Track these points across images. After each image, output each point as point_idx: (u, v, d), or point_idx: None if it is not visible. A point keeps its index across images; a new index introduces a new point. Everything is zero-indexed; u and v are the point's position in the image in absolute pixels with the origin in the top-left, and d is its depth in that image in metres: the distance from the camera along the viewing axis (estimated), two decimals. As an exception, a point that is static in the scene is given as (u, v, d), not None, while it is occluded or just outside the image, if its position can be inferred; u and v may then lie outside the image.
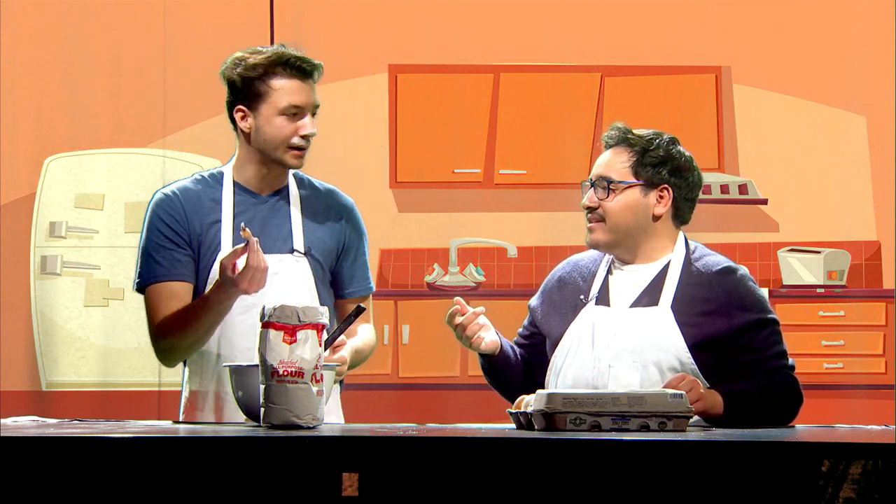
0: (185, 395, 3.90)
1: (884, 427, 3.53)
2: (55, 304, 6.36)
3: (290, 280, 3.79)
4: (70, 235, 6.40)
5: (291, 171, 3.91)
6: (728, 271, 3.67)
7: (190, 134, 6.38)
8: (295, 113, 3.76)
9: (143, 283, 3.84)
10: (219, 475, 2.65)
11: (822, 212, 6.35)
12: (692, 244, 3.75)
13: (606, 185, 3.68)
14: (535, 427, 3.05)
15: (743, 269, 3.71)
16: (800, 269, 6.38)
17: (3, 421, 3.38)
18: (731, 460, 2.63)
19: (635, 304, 3.66)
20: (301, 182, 3.93)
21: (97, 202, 6.41)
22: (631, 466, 2.62)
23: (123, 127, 6.36)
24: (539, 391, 3.12)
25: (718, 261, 3.70)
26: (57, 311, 6.36)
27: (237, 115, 3.82)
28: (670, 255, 3.69)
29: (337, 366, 3.47)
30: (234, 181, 3.87)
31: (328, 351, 3.54)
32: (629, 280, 3.70)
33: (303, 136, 3.77)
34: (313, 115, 3.80)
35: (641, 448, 2.66)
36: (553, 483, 2.61)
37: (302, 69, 3.76)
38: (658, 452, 2.65)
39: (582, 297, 3.73)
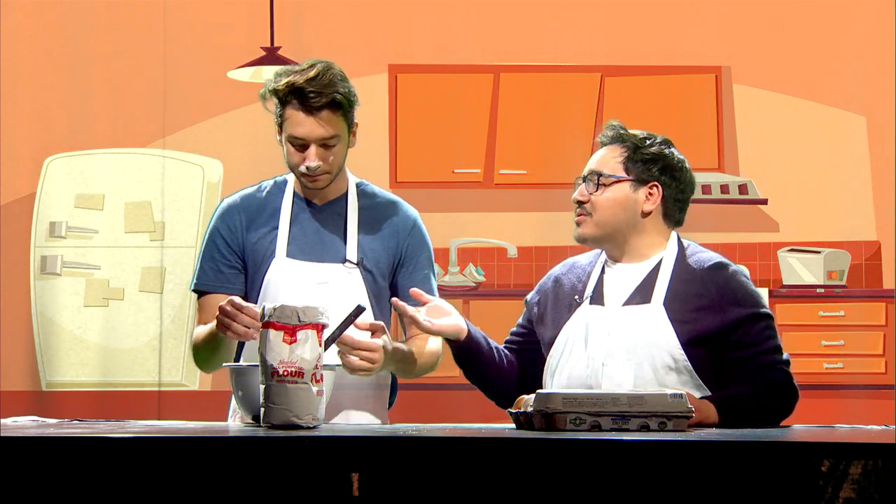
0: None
1: (884, 427, 3.53)
2: (55, 304, 6.36)
3: (340, 290, 3.79)
4: (70, 235, 6.40)
5: (354, 180, 3.92)
6: (720, 266, 3.68)
7: (190, 134, 6.38)
8: (300, 144, 3.77)
9: (193, 288, 3.93)
10: (219, 475, 2.66)
11: (822, 212, 6.35)
12: (686, 242, 3.76)
13: (597, 179, 3.70)
14: (535, 427, 3.05)
15: (735, 265, 3.71)
16: (800, 269, 6.38)
17: (3, 421, 3.38)
18: (731, 460, 2.63)
19: (628, 302, 3.67)
20: (363, 192, 3.93)
21: (97, 202, 6.41)
22: (631, 466, 2.62)
23: (123, 127, 6.36)
24: (539, 391, 3.12)
25: (710, 257, 3.71)
26: (57, 311, 6.36)
27: (277, 128, 3.84)
28: (662, 253, 3.70)
29: (337, 365, 3.46)
30: (294, 190, 3.89)
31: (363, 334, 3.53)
32: (622, 278, 3.71)
33: (307, 167, 3.77)
34: (328, 146, 3.77)
35: (641, 448, 2.66)
36: (553, 483, 2.61)
37: (308, 102, 3.74)
38: (658, 452, 2.65)
39: (577, 297, 3.73)
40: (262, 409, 3.05)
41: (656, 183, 3.71)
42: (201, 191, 6.37)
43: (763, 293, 6.37)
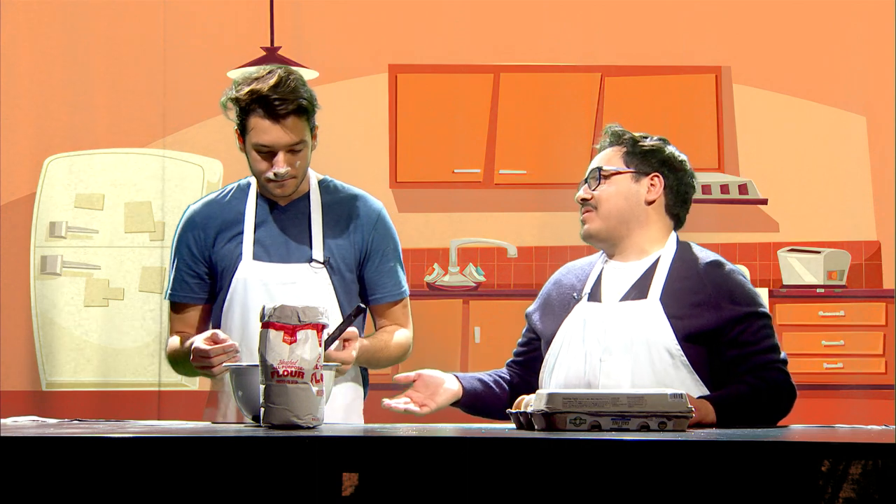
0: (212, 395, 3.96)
1: (884, 427, 3.53)
2: (55, 304, 6.36)
3: (307, 290, 3.83)
4: (70, 235, 6.40)
5: (316, 177, 3.95)
6: (717, 265, 3.69)
7: (190, 134, 6.39)
8: (266, 151, 3.78)
9: (165, 297, 4.01)
10: (219, 475, 2.66)
11: (822, 212, 6.35)
12: (685, 242, 3.77)
13: (598, 174, 3.73)
14: (535, 427, 3.05)
15: (732, 265, 3.72)
16: (800, 269, 6.38)
17: (3, 421, 3.38)
18: (731, 460, 2.63)
19: (624, 298, 3.68)
20: (326, 188, 3.95)
21: (97, 202, 6.41)
22: (631, 466, 2.62)
23: (123, 127, 6.37)
24: (539, 391, 3.12)
25: (708, 255, 3.73)
26: (57, 311, 6.36)
27: (236, 136, 3.87)
28: (661, 251, 3.71)
29: (337, 365, 3.47)
30: (257, 192, 3.92)
31: (337, 344, 3.58)
32: (621, 276, 3.72)
33: (275, 174, 3.79)
34: (295, 151, 3.79)
35: (641, 448, 2.66)
36: (553, 483, 2.61)
37: (274, 110, 3.75)
38: (658, 452, 2.65)
39: (575, 294, 3.74)
40: (262, 409, 3.05)
41: (657, 174, 3.73)
42: (201, 191, 6.37)
43: (763, 293, 6.41)
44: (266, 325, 3.06)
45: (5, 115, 6.32)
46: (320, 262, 3.86)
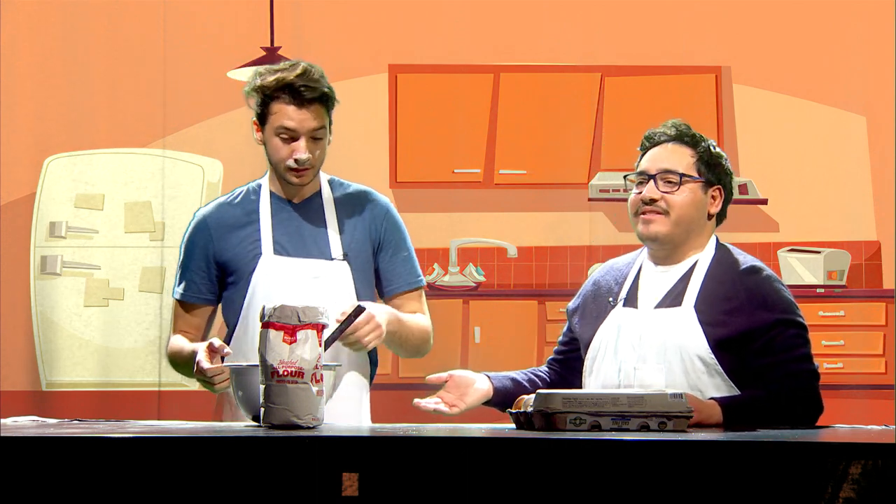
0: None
1: (884, 427, 3.53)
2: (55, 304, 6.36)
3: (330, 285, 3.86)
4: (70, 235, 6.40)
5: (325, 176, 3.99)
6: (752, 270, 3.63)
7: (190, 134, 6.38)
8: (289, 136, 3.80)
9: (173, 297, 4.02)
10: (219, 475, 2.66)
11: (822, 212, 6.35)
12: (724, 245, 3.73)
13: (679, 177, 3.65)
14: (535, 427, 3.05)
15: (770, 271, 3.67)
16: (800, 269, 6.37)
17: (3, 421, 3.38)
18: (731, 460, 2.62)
19: (660, 304, 3.64)
20: (334, 186, 3.99)
21: (97, 202, 6.41)
22: (631, 466, 2.62)
23: (123, 127, 6.36)
24: (539, 391, 3.12)
25: (745, 260, 3.67)
26: (57, 311, 6.36)
27: (254, 127, 3.89)
28: (699, 255, 3.67)
29: (337, 365, 3.47)
30: (270, 191, 3.95)
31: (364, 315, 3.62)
32: (659, 281, 3.67)
33: (296, 160, 3.81)
34: (316, 139, 3.83)
35: (641, 448, 2.66)
36: (553, 483, 2.61)
37: (300, 95, 3.81)
38: (658, 452, 2.64)
39: (611, 299, 3.71)
40: (262, 409, 3.05)
41: (720, 186, 3.70)
42: (201, 191, 6.37)
43: (789, 296, 6.39)
44: (266, 325, 3.07)
45: (5, 115, 6.32)
46: (340, 258, 3.88)
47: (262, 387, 3.06)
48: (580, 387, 3.73)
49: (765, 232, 6.37)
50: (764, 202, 6.37)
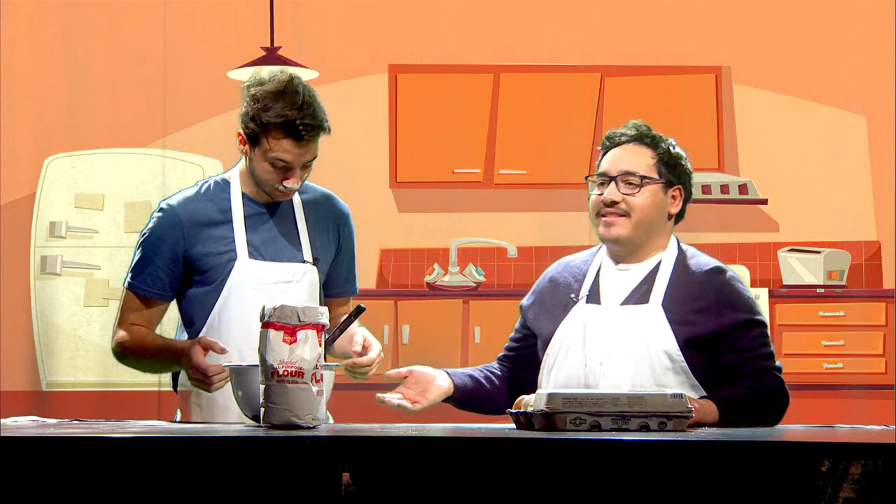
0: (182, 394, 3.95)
1: (884, 427, 3.53)
2: (55, 304, 6.36)
3: (302, 289, 3.87)
4: (70, 235, 6.40)
5: None
6: (718, 271, 3.69)
7: (190, 134, 6.39)
8: (283, 167, 3.79)
9: (127, 287, 3.93)
10: (219, 475, 2.66)
11: (822, 212, 6.35)
12: (683, 245, 3.77)
13: (640, 179, 3.67)
14: (535, 427, 3.05)
15: (732, 271, 3.73)
16: (800, 269, 6.38)
17: (3, 421, 3.38)
18: (731, 460, 2.63)
19: (626, 301, 3.67)
20: (301, 187, 3.95)
21: (97, 202, 6.41)
22: (631, 466, 2.62)
23: (123, 127, 6.37)
24: (539, 391, 3.12)
25: (708, 261, 3.73)
26: (57, 311, 6.36)
27: (237, 136, 3.86)
28: (662, 254, 3.71)
29: (336, 365, 3.48)
30: (241, 192, 3.92)
31: (360, 351, 3.67)
32: (621, 279, 3.71)
33: (286, 187, 3.81)
34: (307, 166, 3.83)
35: (641, 448, 2.66)
36: (553, 483, 2.61)
37: (300, 134, 3.76)
38: (658, 452, 2.65)
39: (573, 295, 3.73)
40: (262, 409, 3.05)
41: (679, 186, 3.72)
42: (201, 191, 6.36)
43: (763, 293, 6.40)
44: (266, 325, 3.07)
45: (5, 115, 6.32)
46: (311, 262, 3.89)
47: (262, 387, 3.06)
48: (533, 383, 3.76)
49: (765, 232, 6.38)
50: (764, 202, 6.37)
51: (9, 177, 6.35)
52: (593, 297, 3.72)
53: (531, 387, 3.78)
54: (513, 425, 3.22)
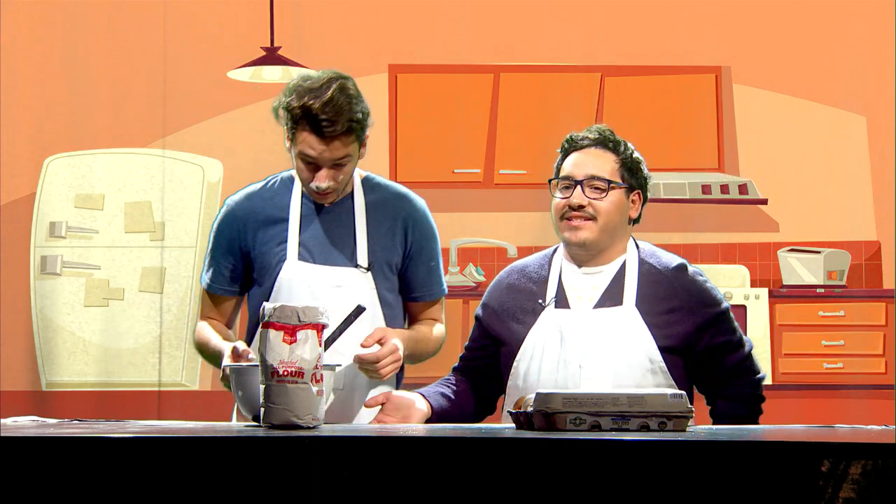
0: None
1: (884, 427, 3.53)
2: (55, 304, 6.36)
3: (352, 294, 3.78)
4: (70, 235, 6.40)
5: (359, 174, 3.89)
6: (683, 268, 3.74)
7: (190, 134, 6.39)
8: (311, 162, 3.74)
9: (201, 281, 4.00)
10: (219, 475, 2.66)
11: (822, 212, 6.35)
12: (639, 242, 3.80)
13: (607, 184, 3.70)
14: (535, 427, 3.05)
15: (694, 267, 3.78)
16: (800, 269, 6.38)
17: (3, 421, 3.38)
18: (731, 460, 2.63)
19: (599, 304, 3.69)
20: (370, 187, 3.90)
21: (97, 202, 6.41)
22: (631, 466, 2.62)
23: (123, 127, 6.37)
24: (539, 391, 3.12)
25: (670, 258, 3.77)
26: (57, 311, 6.36)
27: (286, 135, 3.80)
28: (624, 256, 3.74)
29: (337, 366, 3.47)
30: (301, 191, 3.87)
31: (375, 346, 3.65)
32: (587, 282, 3.73)
33: (318, 187, 3.76)
34: (339, 166, 3.74)
35: (641, 448, 2.66)
36: (553, 483, 2.61)
37: (321, 128, 3.68)
38: (658, 452, 2.65)
39: (539, 300, 3.74)
40: (262, 409, 3.05)
41: (639, 190, 3.76)
42: (201, 191, 6.37)
43: (763, 293, 6.40)
44: (266, 325, 3.06)
45: (5, 115, 6.32)
46: (365, 268, 3.84)
47: (262, 387, 3.06)
48: (494, 391, 3.77)
49: (765, 232, 6.38)
50: (764, 202, 6.37)
51: (9, 177, 6.35)
52: (560, 301, 3.73)
53: (493, 396, 3.82)
54: (513, 425, 3.22)
